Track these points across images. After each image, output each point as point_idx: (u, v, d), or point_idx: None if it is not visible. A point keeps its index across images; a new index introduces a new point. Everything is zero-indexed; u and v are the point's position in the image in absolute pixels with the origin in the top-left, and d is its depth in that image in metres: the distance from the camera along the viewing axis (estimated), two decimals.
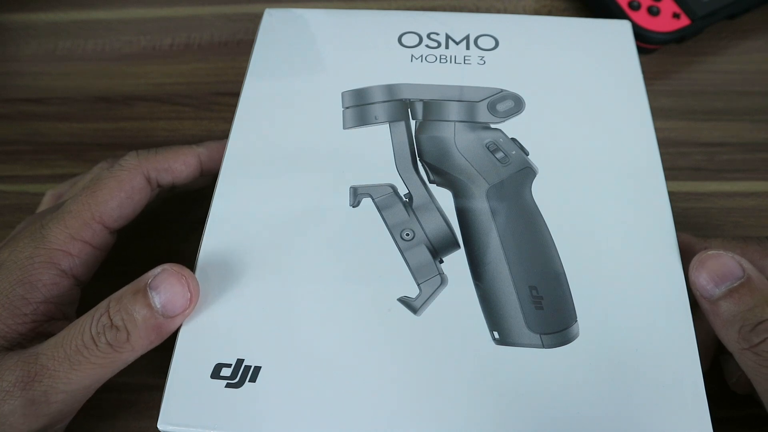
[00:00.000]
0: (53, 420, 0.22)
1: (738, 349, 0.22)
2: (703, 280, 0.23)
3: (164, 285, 0.22)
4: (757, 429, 0.27)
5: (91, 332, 0.22)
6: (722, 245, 0.26)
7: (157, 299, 0.22)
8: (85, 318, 0.22)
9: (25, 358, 0.22)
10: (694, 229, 0.32)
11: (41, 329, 0.24)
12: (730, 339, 0.22)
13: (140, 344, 0.22)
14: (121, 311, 0.22)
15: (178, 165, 0.28)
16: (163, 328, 0.22)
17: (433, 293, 0.24)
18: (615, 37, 0.32)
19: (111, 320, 0.22)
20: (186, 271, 0.23)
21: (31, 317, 0.24)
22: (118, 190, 0.26)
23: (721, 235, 0.32)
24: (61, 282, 0.24)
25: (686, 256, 0.24)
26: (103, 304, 0.22)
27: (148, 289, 0.22)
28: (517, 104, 0.29)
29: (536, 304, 0.24)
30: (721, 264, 0.22)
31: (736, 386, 0.26)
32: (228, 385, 0.22)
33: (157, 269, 0.22)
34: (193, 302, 0.23)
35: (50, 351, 0.22)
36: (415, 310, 0.24)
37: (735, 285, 0.22)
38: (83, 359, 0.21)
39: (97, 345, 0.21)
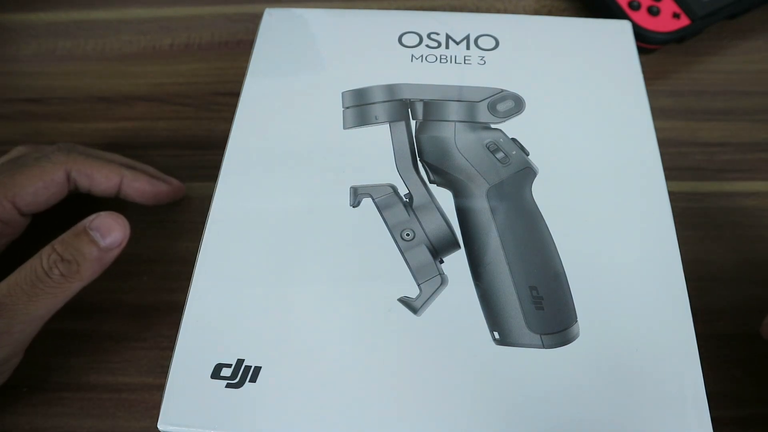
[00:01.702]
0: (13, 351, 0.26)
1: None
2: None
3: (104, 224, 0.26)
4: (757, 429, 0.27)
5: (43, 267, 0.25)
6: None
7: (98, 235, 0.26)
8: (33, 260, 0.25)
9: None
10: (694, 229, 0.32)
11: None
12: None
13: (87, 275, 0.26)
14: (69, 248, 0.25)
15: (99, 177, 0.30)
16: (104, 260, 0.26)
17: (433, 293, 0.24)
18: (615, 37, 0.32)
19: (61, 256, 0.25)
20: (116, 213, 0.27)
21: None
22: (38, 179, 0.29)
23: (720, 235, 0.32)
24: None
25: None
26: (47, 248, 0.26)
27: (88, 230, 0.26)
28: (517, 104, 0.29)
29: (536, 305, 0.24)
30: None
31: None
32: (228, 386, 0.22)
33: (92, 216, 0.26)
34: (127, 236, 0.27)
35: (5, 289, 0.25)
36: (415, 311, 0.24)
37: None
38: (39, 291, 0.25)
39: (50, 277, 0.25)
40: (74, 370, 0.29)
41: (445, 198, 0.26)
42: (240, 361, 0.23)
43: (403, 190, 0.27)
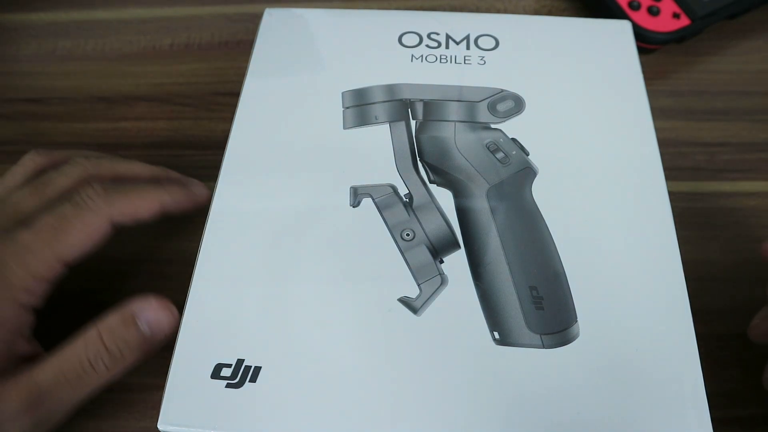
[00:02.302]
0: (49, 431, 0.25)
1: None
2: None
3: (154, 317, 0.25)
4: (757, 429, 0.27)
5: (88, 359, 0.24)
6: None
7: (146, 326, 0.24)
8: (78, 345, 0.24)
9: (23, 385, 0.23)
10: (694, 229, 0.32)
11: (8, 355, 0.25)
12: None
13: (130, 363, 0.25)
14: (116, 340, 0.24)
15: (141, 212, 0.28)
16: (152, 349, 0.25)
17: (433, 293, 0.24)
18: (615, 37, 0.32)
19: (107, 348, 0.24)
20: (165, 298, 0.25)
21: None
22: (85, 236, 0.26)
23: (720, 235, 0.32)
24: (22, 315, 0.25)
25: None
26: (93, 333, 0.24)
27: (137, 320, 0.24)
28: (517, 104, 0.29)
29: (536, 305, 0.24)
30: None
31: None
32: (228, 386, 0.22)
33: (141, 300, 0.25)
34: (174, 326, 0.25)
35: (50, 377, 0.24)
36: (415, 311, 0.24)
37: None
38: (83, 383, 0.24)
39: (95, 369, 0.24)
40: None
41: (445, 198, 0.26)
42: (240, 361, 0.23)
43: (403, 190, 0.27)
